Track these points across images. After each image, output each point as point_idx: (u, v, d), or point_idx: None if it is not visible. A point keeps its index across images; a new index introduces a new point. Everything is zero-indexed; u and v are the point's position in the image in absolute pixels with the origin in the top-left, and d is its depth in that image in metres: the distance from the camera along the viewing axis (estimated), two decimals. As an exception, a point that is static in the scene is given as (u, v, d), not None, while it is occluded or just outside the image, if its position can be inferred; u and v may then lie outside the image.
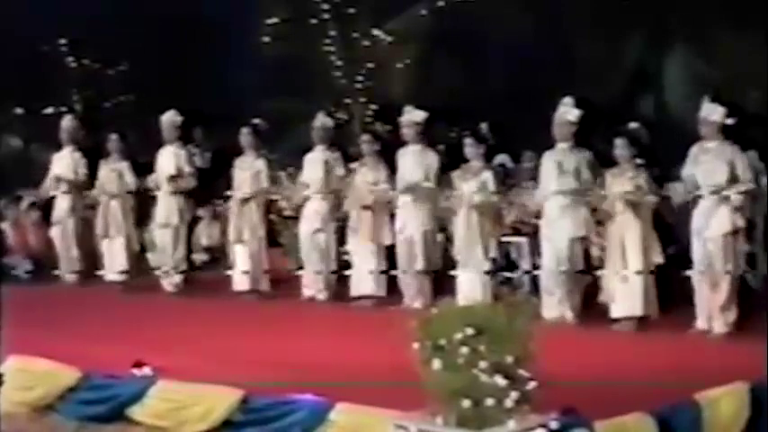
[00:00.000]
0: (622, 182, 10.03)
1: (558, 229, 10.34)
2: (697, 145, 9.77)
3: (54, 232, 13.64)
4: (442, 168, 11.31)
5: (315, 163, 12.05)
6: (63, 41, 20.26)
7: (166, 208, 12.69)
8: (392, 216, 11.43)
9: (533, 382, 5.94)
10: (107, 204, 13.08)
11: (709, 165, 9.63)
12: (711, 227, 9.57)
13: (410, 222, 11.19)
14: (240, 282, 12.24)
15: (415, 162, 11.30)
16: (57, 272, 13.54)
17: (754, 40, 15.75)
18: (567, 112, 10.41)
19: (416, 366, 6.01)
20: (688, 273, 9.67)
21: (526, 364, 5.95)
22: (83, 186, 13.47)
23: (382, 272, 11.47)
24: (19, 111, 20.73)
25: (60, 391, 8.06)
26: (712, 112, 9.68)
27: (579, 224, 10.34)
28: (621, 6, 17.29)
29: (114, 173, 13.13)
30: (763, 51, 15.26)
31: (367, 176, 11.61)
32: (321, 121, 12.19)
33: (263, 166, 12.26)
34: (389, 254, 11.52)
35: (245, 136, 12.36)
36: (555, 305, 10.29)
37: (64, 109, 19.04)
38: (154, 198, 12.87)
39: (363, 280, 11.56)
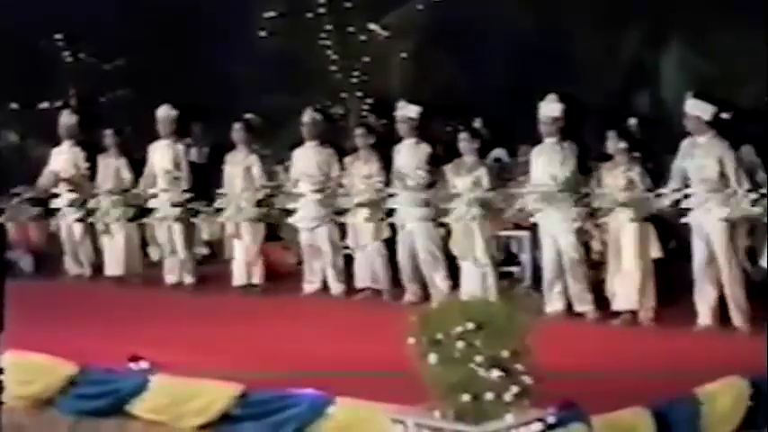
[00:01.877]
0: (616, 175, 10.06)
1: (553, 224, 10.37)
2: (689, 139, 9.80)
3: (60, 227, 13.63)
4: (436, 162, 11.32)
5: (306, 158, 12.05)
6: (59, 36, 20.23)
7: (165, 203, 12.68)
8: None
9: (531, 377, 5.95)
10: (106, 200, 13.07)
11: (699, 160, 9.67)
12: (709, 220, 9.59)
13: (408, 217, 11.20)
14: (239, 276, 12.25)
15: (408, 156, 11.31)
16: (60, 266, 13.53)
17: (751, 35, 15.75)
18: (550, 108, 10.43)
19: (414, 361, 6.02)
20: (693, 265, 9.69)
21: (524, 359, 5.96)
22: (84, 181, 13.45)
23: (383, 265, 11.52)
24: (14, 106, 20.68)
25: (59, 385, 8.06)
26: (695, 108, 9.71)
27: (572, 217, 10.37)
28: (620, 2, 17.29)
29: (111, 168, 13.13)
30: (761, 47, 15.26)
31: (361, 170, 11.63)
32: (310, 116, 12.16)
33: (255, 162, 12.26)
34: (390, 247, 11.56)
35: (236, 131, 12.34)
36: (557, 299, 10.33)
37: (59, 104, 19.03)
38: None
39: (363, 274, 11.60)
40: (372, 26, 19.20)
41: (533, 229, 10.87)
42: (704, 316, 9.66)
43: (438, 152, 11.53)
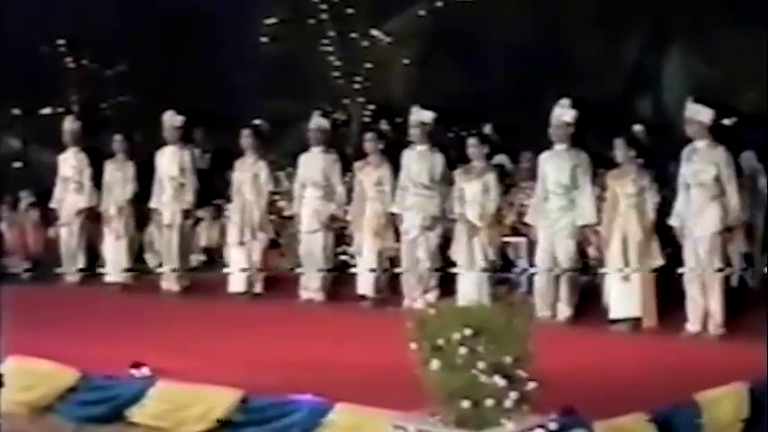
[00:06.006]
0: (624, 183, 10.04)
1: (559, 230, 10.37)
2: (690, 145, 9.81)
3: (61, 233, 13.63)
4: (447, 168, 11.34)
5: (312, 164, 12.04)
6: (61, 42, 20.23)
7: (171, 209, 12.68)
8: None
9: (532, 383, 5.94)
10: (113, 205, 13.08)
11: (697, 165, 9.68)
12: (700, 227, 9.59)
13: (415, 224, 11.18)
14: (238, 283, 12.24)
15: (421, 163, 11.28)
16: (58, 272, 13.53)
17: (753, 40, 15.76)
18: (564, 113, 10.44)
19: (415, 367, 6.02)
20: (681, 270, 9.70)
21: (525, 365, 5.95)
22: (88, 187, 13.45)
23: (385, 271, 11.51)
24: (17, 112, 20.69)
25: (60, 391, 8.04)
26: (696, 113, 9.72)
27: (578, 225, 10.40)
28: (621, 6, 17.30)
29: (119, 173, 13.13)
30: (763, 52, 15.26)
31: (371, 175, 11.62)
32: (317, 122, 12.16)
33: (264, 168, 12.24)
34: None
35: (245, 138, 12.32)
36: (549, 305, 10.33)
37: (62, 110, 19.04)
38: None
39: (365, 279, 11.59)
40: (374, 32, 19.20)
41: (531, 235, 10.87)
42: (693, 322, 9.66)
43: (452, 157, 11.53)
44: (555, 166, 10.46)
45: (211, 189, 13.46)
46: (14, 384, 7.88)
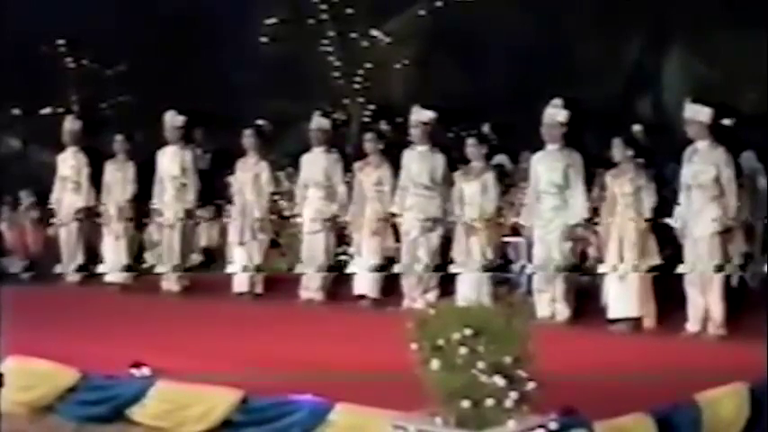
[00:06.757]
0: (622, 183, 10.04)
1: (553, 230, 10.37)
2: (691, 146, 9.81)
3: (59, 232, 13.61)
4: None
5: (314, 164, 12.04)
6: (61, 42, 20.23)
7: (172, 209, 12.67)
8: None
9: (532, 383, 5.94)
10: (113, 205, 13.07)
11: (696, 166, 9.68)
12: (700, 227, 9.59)
13: (415, 224, 11.17)
14: (239, 283, 12.24)
15: (421, 163, 11.27)
16: (58, 272, 13.52)
17: (753, 40, 15.76)
18: (557, 113, 10.44)
19: (415, 367, 6.01)
20: (680, 270, 9.70)
21: (525, 365, 5.95)
22: (86, 187, 13.44)
23: (383, 271, 11.50)
24: (17, 112, 20.69)
25: (60, 391, 8.05)
26: (695, 113, 9.72)
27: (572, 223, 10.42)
28: (621, 6, 17.31)
29: (119, 174, 13.11)
30: (763, 52, 15.27)
31: (371, 176, 11.62)
32: (317, 122, 12.15)
33: (265, 168, 12.24)
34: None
35: (247, 138, 12.31)
36: (547, 304, 10.32)
37: (61, 110, 19.05)
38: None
39: (364, 279, 11.57)
40: (374, 32, 19.19)
41: (531, 235, 10.87)
42: (693, 322, 9.66)
43: (453, 158, 11.52)
44: (547, 166, 10.47)
45: (212, 189, 13.45)
46: (14, 384, 7.87)
